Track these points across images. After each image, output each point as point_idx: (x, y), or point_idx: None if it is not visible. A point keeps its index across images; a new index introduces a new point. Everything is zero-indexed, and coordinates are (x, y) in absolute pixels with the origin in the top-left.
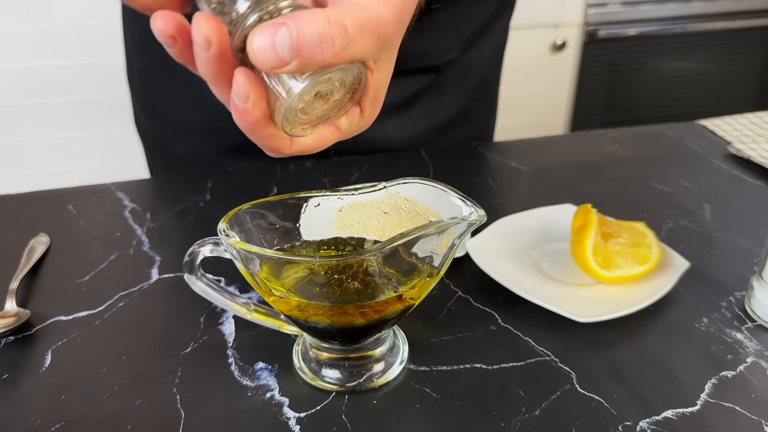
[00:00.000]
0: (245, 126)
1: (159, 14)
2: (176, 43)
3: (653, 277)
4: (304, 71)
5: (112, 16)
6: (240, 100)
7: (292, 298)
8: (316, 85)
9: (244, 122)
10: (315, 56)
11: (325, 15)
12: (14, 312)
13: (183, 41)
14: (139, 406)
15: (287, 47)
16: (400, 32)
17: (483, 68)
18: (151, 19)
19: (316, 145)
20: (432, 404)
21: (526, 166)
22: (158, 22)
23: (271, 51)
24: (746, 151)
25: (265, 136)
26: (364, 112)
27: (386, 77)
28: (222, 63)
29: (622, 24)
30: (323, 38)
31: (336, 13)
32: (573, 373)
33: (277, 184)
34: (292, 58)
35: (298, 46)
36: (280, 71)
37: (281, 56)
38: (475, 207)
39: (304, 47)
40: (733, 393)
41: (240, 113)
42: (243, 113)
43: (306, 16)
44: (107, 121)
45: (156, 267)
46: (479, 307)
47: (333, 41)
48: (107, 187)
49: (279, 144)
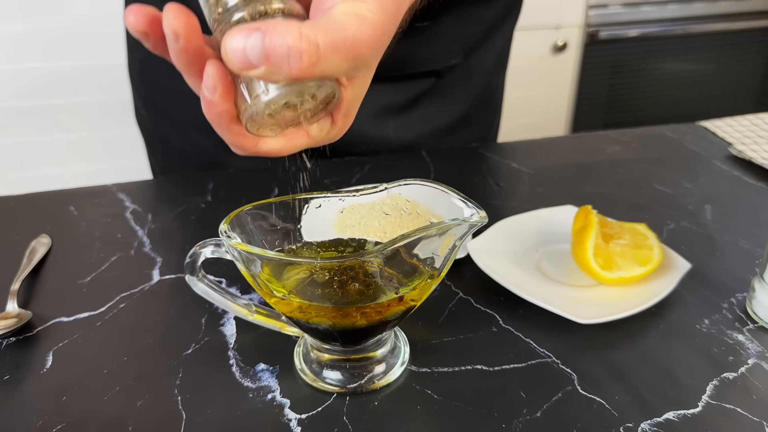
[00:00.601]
0: (212, 118)
1: (131, 9)
2: (149, 37)
3: (654, 279)
4: (271, 79)
5: (113, 17)
6: (208, 90)
7: (293, 300)
8: (285, 96)
9: (211, 114)
10: (282, 67)
11: (298, 28)
12: (15, 313)
13: (156, 35)
14: (141, 407)
15: (257, 53)
16: (378, 52)
17: (485, 74)
18: (124, 14)
19: (285, 148)
20: (433, 406)
21: (527, 168)
22: (130, 17)
23: (241, 53)
24: (747, 153)
25: (232, 132)
26: (336, 123)
27: (361, 92)
28: (191, 55)
29: (623, 25)
30: (291, 51)
31: (311, 28)
32: (574, 375)
33: (278, 185)
34: (260, 64)
35: (267, 54)
36: (247, 74)
37: (250, 60)
38: (477, 208)
39: (272, 56)
40: (734, 395)
41: (207, 104)
42: (210, 104)
43: (281, 26)
44: (108, 122)
45: (157, 268)
46: (480, 309)
47: (301, 56)
48: (108, 188)
49: (246, 142)
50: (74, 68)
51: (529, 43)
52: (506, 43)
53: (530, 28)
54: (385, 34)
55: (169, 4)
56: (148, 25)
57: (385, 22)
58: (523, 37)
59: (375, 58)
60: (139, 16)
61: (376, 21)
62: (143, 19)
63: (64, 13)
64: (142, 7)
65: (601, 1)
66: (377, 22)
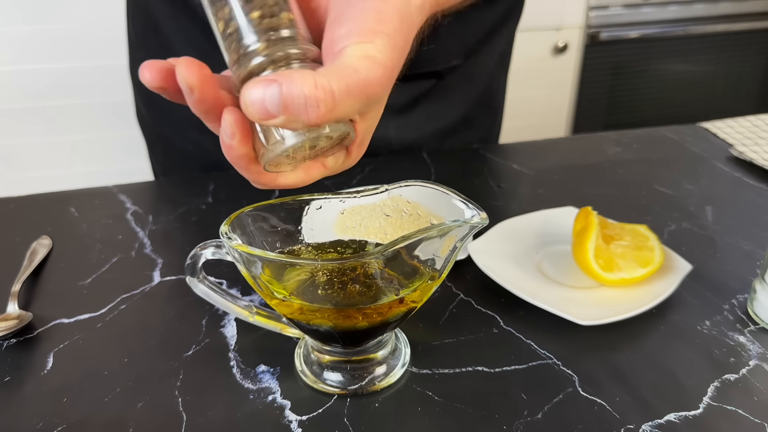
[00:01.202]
0: (232, 160)
1: (146, 65)
2: (167, 91)
3: (655, 280)
4: (291, 128)
5: (114, 18)
6: (227, 136)
7: (294, 301)
8: (301, 142)
9: (231, 156)
10: (300, 116)
11: (313, 79)
12: (16, 314)
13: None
14: (141, 409)
15: (275, 104)
16: (388, 88)
17: (486, 76)
18: (139, 72)
19: (303, 181)
20: (434, 407)
21: (528, 169)
22: (146, 74)
23: (260, 104)
24: (748, 154)
25: (252, 171)
26: (351, 154)
27: (374, 124)
28: (208, 104)
29: (623, 26)
30: (309, 101)
31: (324, 76)
32: (575, 376)
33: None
34: (279, 114)
35: (285, 105)
36: (267, 123)
37: (269, 110)
38: (477, 210)
39: (291, 106)
40: (735, 396)
41: (227, 148)
42: (229, 148)
43: (297, 76)
44: (109, 123)
45: (158, 269)
46: (481, 310)
47: (318, 105)
48: (109, 189)
49: (265, 179)
50: (75, 70)
51: (529, 45)
52: (508, 45)
53: (531, 30)
54: (395, 70)
55: (181, 59)
56: (163, 80)
57: (395, 59)
58: (523, 38)
59: (386, 94)
60: (154, 72)
61: (386, 60)
62: (158, 75)
63: (65, 15)
64: (155, 63)
65: (601, 3)
66: (387, 60)
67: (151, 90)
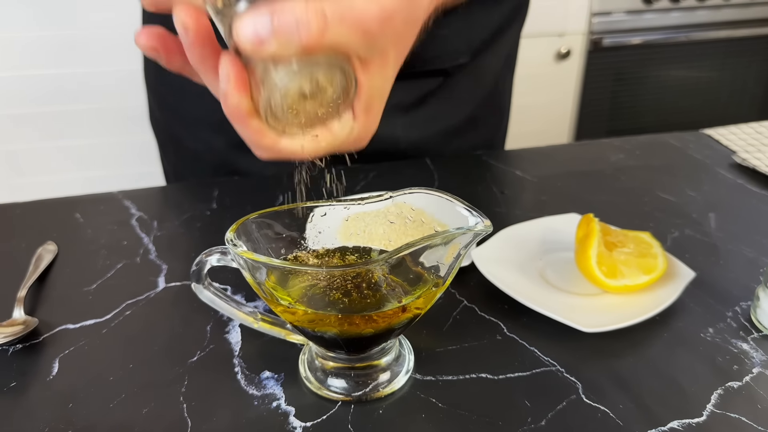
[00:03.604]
0: (229, 111)
1: (140, 30)
2: (160, 52)
3: (659, 287)
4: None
5: (122, 24)
6: (222, 81)
7: (298, 308)
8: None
9: (228, 107)
10: (293, 38)
11: (304, 2)
12: (22, 320)
13: (166, 49)
14: (146, 415)
15: (267, 29)
16: (389, 36)
17: (493, 76)
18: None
19: (308, 148)
20: (438, 414)
21: (531, 176)
22: (140, 37)
23: (252, 32)
24: (751, 161)
25: (251, 128)
26: (358, 117)
27: (380, 85)
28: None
29: (626, 33)
30: (300, 22)
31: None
32: (579, 384)
33: (283, 193)
34: (272, 38)
35: (276, 28)
36: (260, 53)
37: (261, 37)
38: (481, 217)
39: (282, 29)
40: (739, 404)
41: (223, 97)
42: (226, 96)
43: (288, 4)
44: (115, 129)
45: (163, 275)
46: (485, 317)
47: (309, 25)
48: (114, 195)
49: (266, 140)
50: (81, 75)
51: (532, 51)
52: (513, 47)
53: (534, 36)
54: (395, 18)
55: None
56: (156, 40)
57: (396, 7)
58: (526, 44)
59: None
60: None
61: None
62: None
63: (72, 21)
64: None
65: (604, 9)
66: (386, 2)
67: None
